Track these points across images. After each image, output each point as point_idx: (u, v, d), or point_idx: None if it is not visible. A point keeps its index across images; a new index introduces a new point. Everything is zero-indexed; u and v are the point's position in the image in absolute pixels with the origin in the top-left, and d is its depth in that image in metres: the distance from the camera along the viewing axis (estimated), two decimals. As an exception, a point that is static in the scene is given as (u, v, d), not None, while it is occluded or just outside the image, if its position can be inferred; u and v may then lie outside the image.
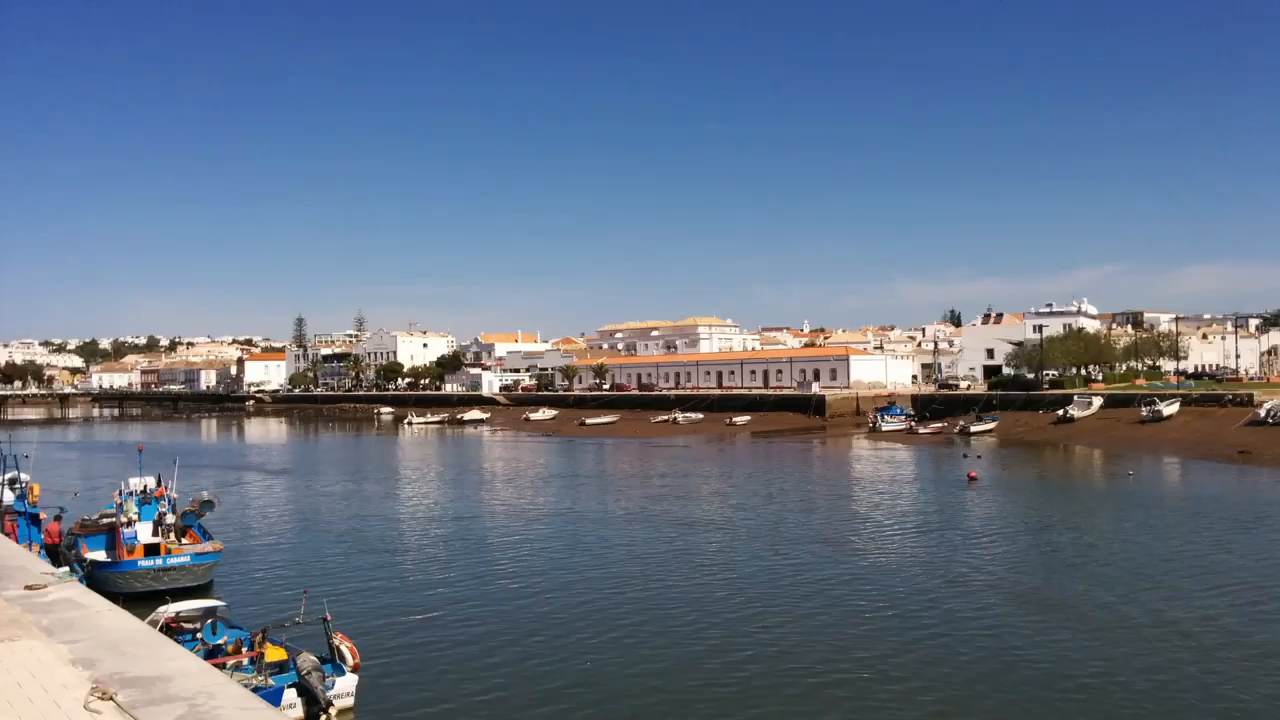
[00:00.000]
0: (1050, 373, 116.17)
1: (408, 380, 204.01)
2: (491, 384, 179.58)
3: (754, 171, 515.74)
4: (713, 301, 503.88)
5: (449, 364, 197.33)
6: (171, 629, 21.75)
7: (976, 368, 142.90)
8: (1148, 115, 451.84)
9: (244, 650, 21.45)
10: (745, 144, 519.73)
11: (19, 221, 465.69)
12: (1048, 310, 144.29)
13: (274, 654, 21.10)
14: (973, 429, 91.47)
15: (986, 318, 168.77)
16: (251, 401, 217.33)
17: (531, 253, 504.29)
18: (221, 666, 19.21)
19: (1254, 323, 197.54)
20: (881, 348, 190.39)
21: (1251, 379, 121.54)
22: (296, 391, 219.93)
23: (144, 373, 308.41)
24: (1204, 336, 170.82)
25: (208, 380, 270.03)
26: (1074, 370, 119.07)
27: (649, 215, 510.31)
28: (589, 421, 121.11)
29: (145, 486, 36.35)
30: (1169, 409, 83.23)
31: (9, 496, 39.44)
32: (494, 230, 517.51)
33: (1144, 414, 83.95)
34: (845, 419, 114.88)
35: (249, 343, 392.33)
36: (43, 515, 37.30)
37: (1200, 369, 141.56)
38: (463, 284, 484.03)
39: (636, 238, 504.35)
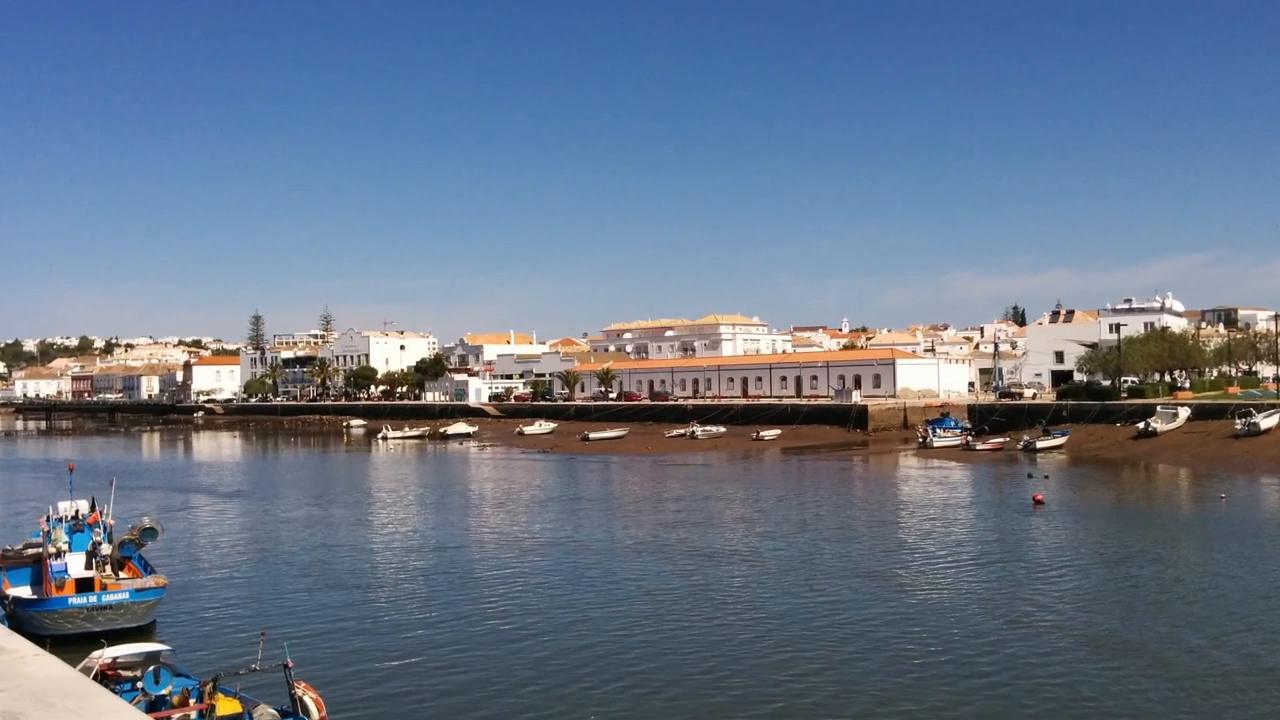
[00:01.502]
0: (1129, 379, 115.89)
1: (382, 388, 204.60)
2: (479, 392, 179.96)
3: (784, 146, 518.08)
4: (736, 297, 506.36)
5: (430, 369, 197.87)
6: (108, 677, 21.81)
7: (1043, 373, 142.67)
8: (1241, 80, 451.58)
9: (192, 702, 21.47)
10: (774, 114, 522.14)
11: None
12: (1126, 307, 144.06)
13: (227, 706, 21.16)
14: (1039, 444, 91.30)
15: (1055, 315, 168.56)
16: (200, 413, 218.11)
17: (526, 240, 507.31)
18: (166, 720, 19.21)
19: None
20: (933, 350, 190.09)
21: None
22: (253, 401, 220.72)
23: (75, 379, 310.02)
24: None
25: (149, 388, 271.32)
26: (1157, 376, 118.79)
27: (662, 197, 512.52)
28: (593, 436, 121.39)
29: (77, 512, 36.52)
30: (1267, 421, 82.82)
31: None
32: (482, 214, 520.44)
33: (1238, 427, 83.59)
34: (890, 433, 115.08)
35: (198, 345, 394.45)
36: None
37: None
38: (446, 276, 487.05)
39: (648, 223, 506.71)
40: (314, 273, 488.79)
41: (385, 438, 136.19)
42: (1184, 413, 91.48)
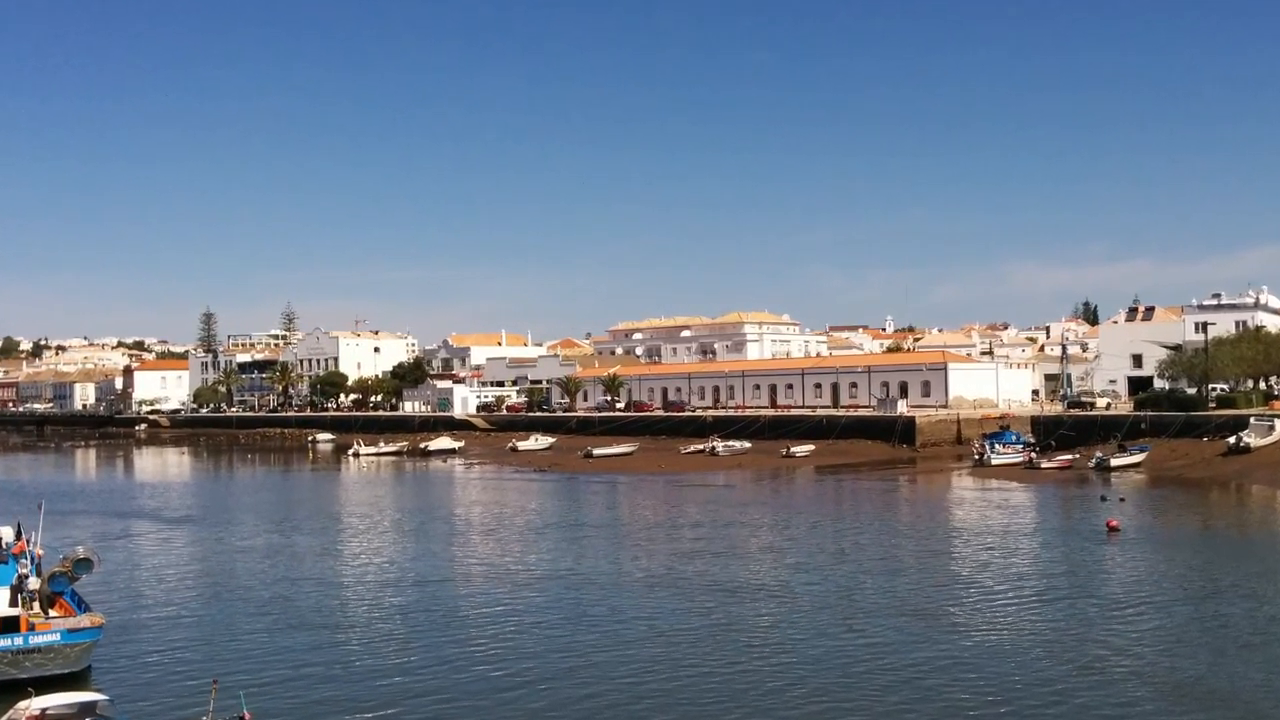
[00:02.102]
0: (1218, 387, 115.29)
1: (353, 397, 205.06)
2: (466, 402, 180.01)
3: (817, 117, 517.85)
4: (763, 292, 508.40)
5: (409, 375, 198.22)
6: (38, 731, 21.74)
7: (1118, 380, 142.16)
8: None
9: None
10: (805, 80, 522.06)
11: None
12: (1215, 303, 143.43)
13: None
14: (1114, 462, 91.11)
15: (1132, 313, 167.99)
16: (143, 425, 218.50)
17: (520, 226, 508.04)
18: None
19: None
20: (991, 353, 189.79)
21: None
22: (204, 412, 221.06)
23: None
24: None
25: (84, 397, 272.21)
26: (1250, 384, 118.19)
27: (677, 176, 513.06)
28: (597, 453, 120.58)
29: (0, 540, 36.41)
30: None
31: None
32: (469, 195, 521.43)
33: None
34: (942, 449, 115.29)
35: (140, 347, 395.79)
36: None
37: None
38: (427, 267, 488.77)
39: (661, 206, 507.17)
40: (275, 263, 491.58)
41: (357, 454, 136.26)
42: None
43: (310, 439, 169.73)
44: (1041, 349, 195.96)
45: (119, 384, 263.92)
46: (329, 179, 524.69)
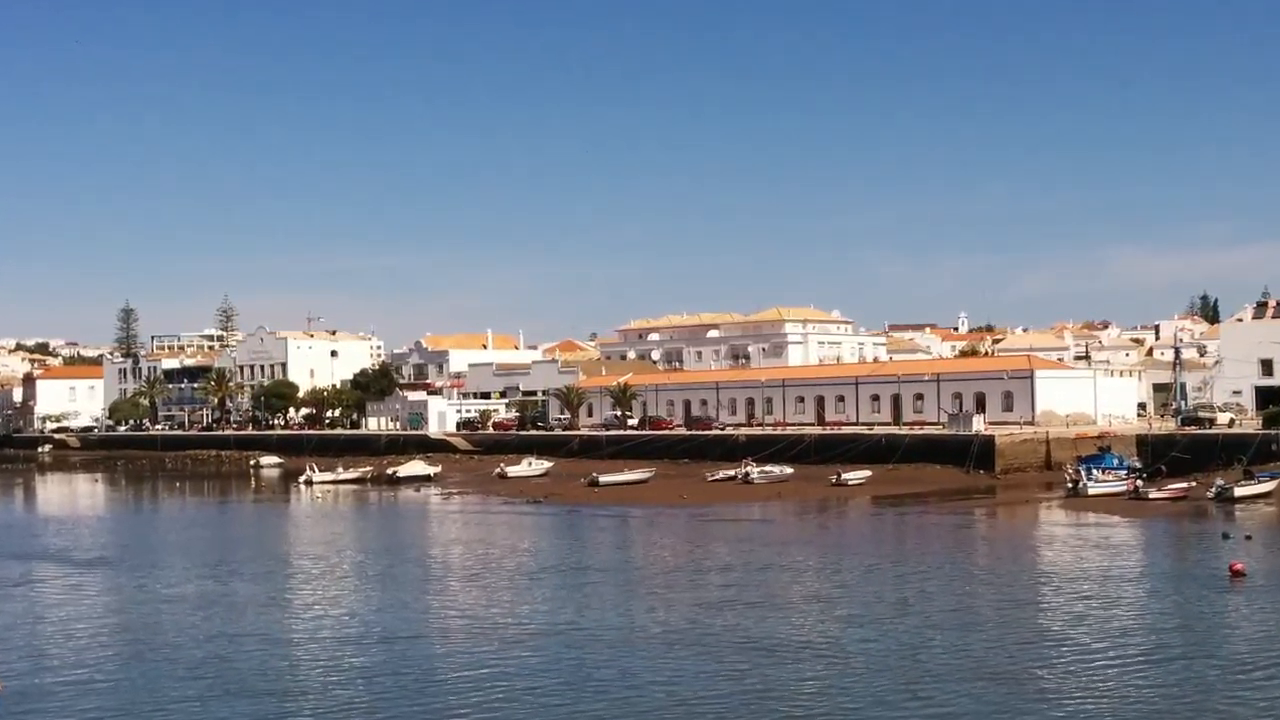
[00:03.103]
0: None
1: (306, 412, 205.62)
2: (444, 417, 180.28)
3: (873, 68, 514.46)
4: (807, 283, 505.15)
5: (374, 385, 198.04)
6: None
7: (1244, 390, 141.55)
8: None
9: None
10: (858, 24, 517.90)
11: None
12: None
13: None
14: (1238, 491, 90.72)
15: (1260, 308, 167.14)
16: (48, 446, 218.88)
17: (510, 203, 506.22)
18: None
19: None
20: (1087, 357, 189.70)
21: None
22: (122, 430, 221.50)
23: None
24: None
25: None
26: None
27: (702, 143, 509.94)
28: (604, 480, 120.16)
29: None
30: None
31: None
32: (448, 166, 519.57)
33: None
34: (1027, 475, 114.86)
35: (44, 350, 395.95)
36: None
37: None
38: (396, 254, 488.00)
39: (682, 179, 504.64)
40: (209, 248, 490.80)
41: (310, 482, 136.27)
42: None
43: (253, 463, 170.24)
44: (1150, 353, 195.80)
45: (17, 395, 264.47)
46: (275, 145, 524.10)
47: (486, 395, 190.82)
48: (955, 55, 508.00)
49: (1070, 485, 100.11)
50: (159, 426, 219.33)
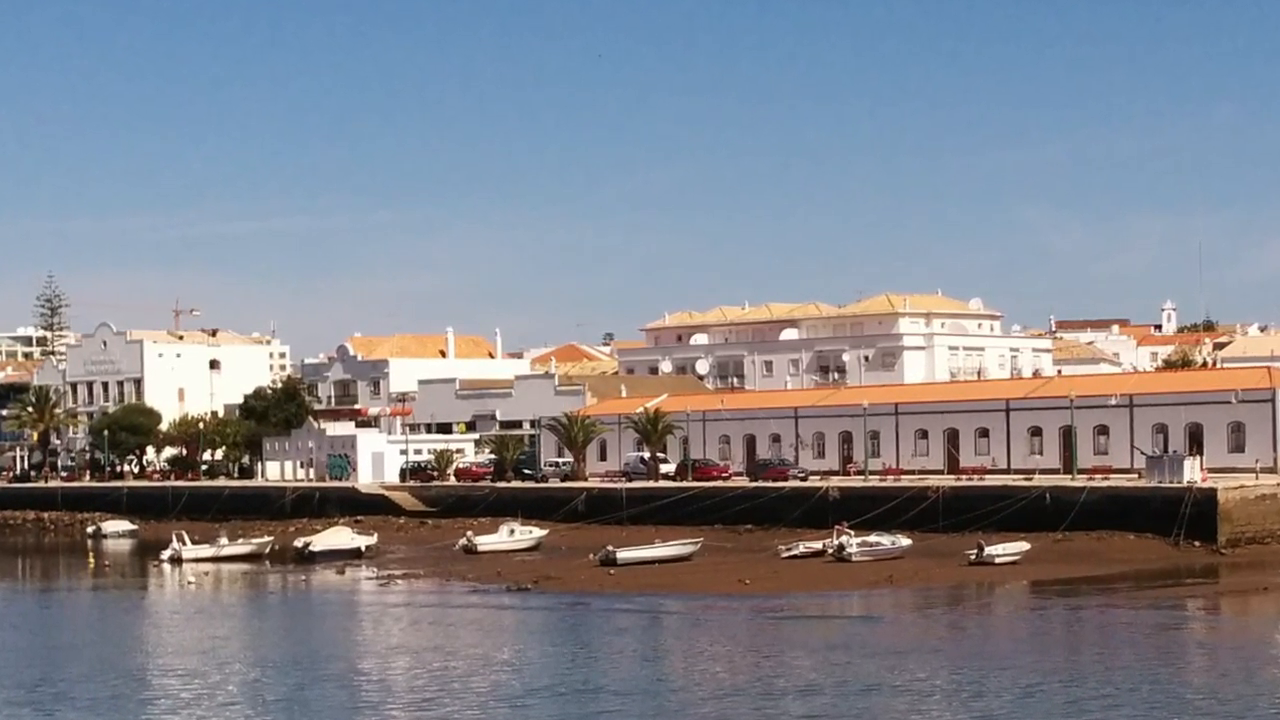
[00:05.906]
0: None
1: (171, 453, 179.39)
2: (381, 460, 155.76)
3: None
4: (929, 261, 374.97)
5: (274, 412, 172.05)
6: None
7: None
8: None
9: None
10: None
11: None
12: None
13: None
14: None
15: None
16: None
17: (483, 147, 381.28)
18: None
19: None
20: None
21: None
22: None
23: None
24: None
25: None
26: None
27: (762, 67, 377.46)
28: (624, 556, 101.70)
29: None
30: None
31: None
32: (392, 90, 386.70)
33: None
34: (1267, 549, 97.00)
35: None
36: None
37: None
38: (311, 211, 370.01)
39: (729, 97, 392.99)
40: (25, 205, 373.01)
41: (178, 559, 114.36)
42: None
43: (91, 530, 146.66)
44: None
45: None
46: (125, 57, 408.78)
47: (446, 428, 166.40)
48: None
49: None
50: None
